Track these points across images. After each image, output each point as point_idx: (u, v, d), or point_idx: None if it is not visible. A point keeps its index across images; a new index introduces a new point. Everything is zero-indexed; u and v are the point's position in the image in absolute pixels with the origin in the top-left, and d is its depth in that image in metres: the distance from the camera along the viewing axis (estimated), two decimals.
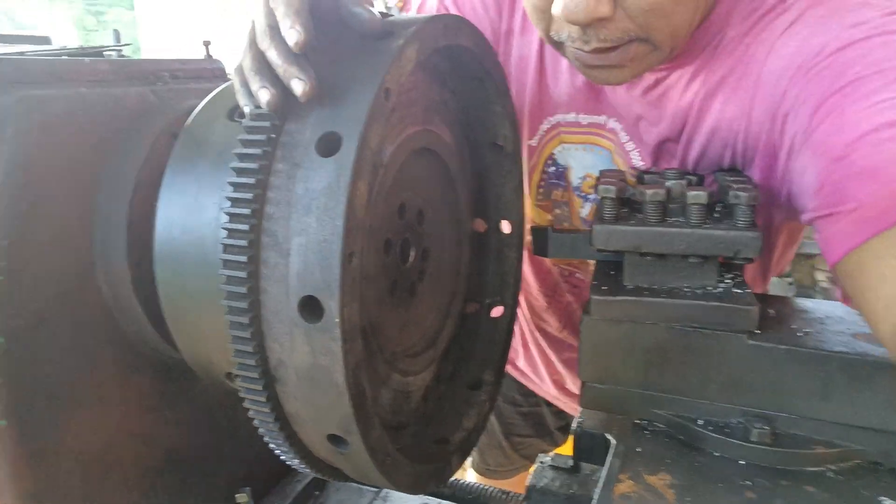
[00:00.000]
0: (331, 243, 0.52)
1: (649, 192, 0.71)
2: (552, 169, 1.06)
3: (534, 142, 1.07)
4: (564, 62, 0.98)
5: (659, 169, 0.89)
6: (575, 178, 1.05)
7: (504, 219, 0.98)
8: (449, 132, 0.86)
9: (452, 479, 0.93)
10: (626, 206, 0.78)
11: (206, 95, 0.75)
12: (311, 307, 0.53)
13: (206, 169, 0.66)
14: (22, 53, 0.88)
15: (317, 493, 0.96)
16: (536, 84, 1.02)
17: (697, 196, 0.69)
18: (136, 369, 0.77)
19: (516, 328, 1.39)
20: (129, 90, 0.81)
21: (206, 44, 1.05)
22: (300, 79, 0.56)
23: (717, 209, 0.77)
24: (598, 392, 0.74)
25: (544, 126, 1.05)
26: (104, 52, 0.95)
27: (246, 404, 0.59)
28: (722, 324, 0.69)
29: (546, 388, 1.38)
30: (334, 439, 0.57)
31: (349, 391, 0.53)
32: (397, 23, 0.65)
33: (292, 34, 0.56)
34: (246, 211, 0.55)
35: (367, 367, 0.66)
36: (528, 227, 0.98)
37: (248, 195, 0.55)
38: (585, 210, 1.06)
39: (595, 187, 0.79)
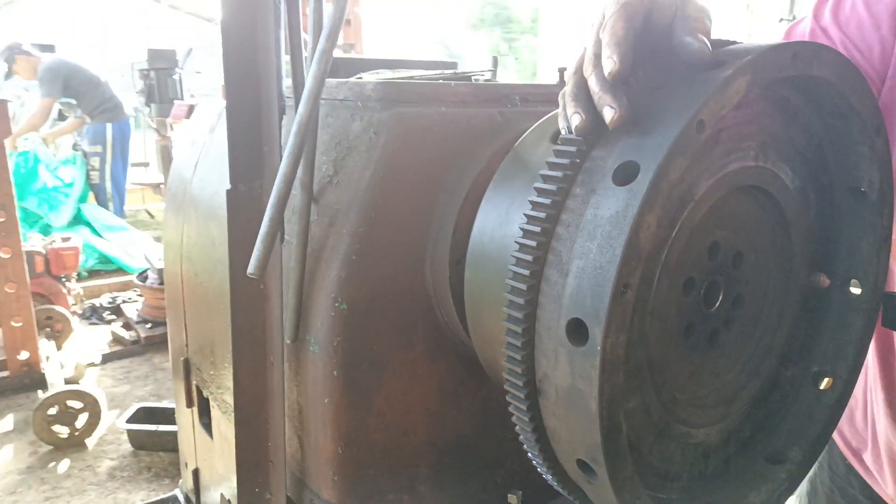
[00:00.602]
0: (606, 271, 0.52)
1: None
2: None
3: None
4: None
5: None
6: None
7: (854, 278, 0.83)
8: (790, 172, 0.76)
9: None
10: None
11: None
12: (577, 330, 0.54)
13: (520, 186, 0.71)
14: (410, 78, 1.07)
15: None
16: None
17: None
18: (443, 354, 0.87)
19: (868, 412, 1.16)
20: (480, 111, 0.92)
21: (561, 70, 1.13)
22: (611, 106, 0.57)
23: None
24: None
25: None
26: (472, 77, 1.08)
27: (511, 409, 0.62)
28: None
29: (891, 495, 1.12)
30: (583, 466, 0.57)
31: (600, 420, 0.53)
32: (734, 51, 0.61)
33: (608, 64, 0.57)
34: (536, 229, 0.58)
35: (634, 405, 0.64)
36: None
37: (542, 214, 0.58)
38: None
39: None
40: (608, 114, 0.57)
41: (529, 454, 0.64)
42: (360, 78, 1.09)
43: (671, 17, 0.62)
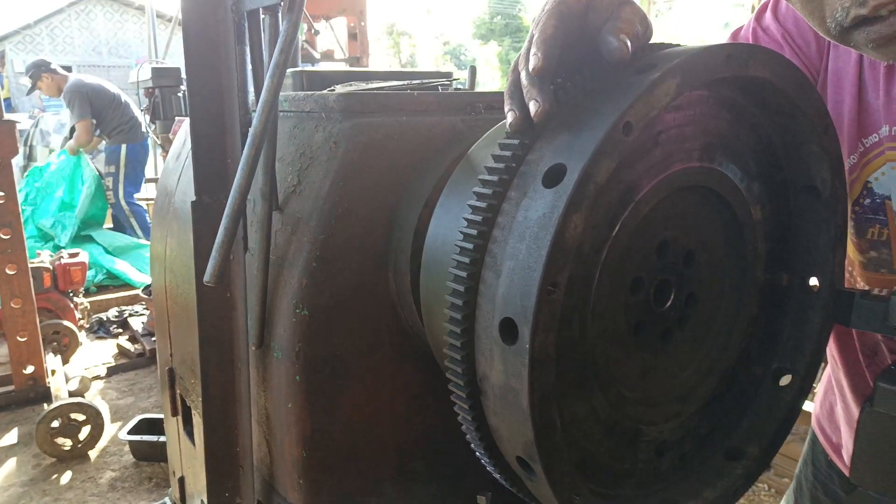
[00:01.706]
0: (534, 271, 0.54)
1: None
2: (867, 201, 0.89)
3: (848, 164, 0.92)
4: (882, 71, 0.86)
5: None
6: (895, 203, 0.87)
7: (812, 274, 0.84)
8: (739, 171, 0.77)
9: None
10: None
11: None
12: (508, 329, 0.55)
13: (468, 191, 0.72)
14: (380, 88, 1.09)
15: None
16: (854, 100, 0.89)
17: None
18: (409, 358, 0.88)
19: (841, 405, 1.17)
20: (442, 119, 0.93)
21: (472, 69, 1.15)
22: (536, 100, 0.58)
23: None
24: (874, 502, 0.59)
25: (861, 147, 0.90)
26: (439, 87, 1.10)
27: (455, 409, 0.63)
28: None
29: None
30: (522, 463, 0.58)
31: (532, 418, 0.54)
32: (667, 54, 0.63)
33: (533, 60, 0.59)
34: (473, 232, 0.60)
35: (577, 402, 0.65)
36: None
37: (479, 217, 0.60)
38: None
39: None
40: (532, 108, 0.59)
41: (477, 453, 0.66)
42: (333, 90, 1.11)
43: (605, 20, 0.63)
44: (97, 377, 3.70)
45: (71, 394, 3.21)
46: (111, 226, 5.85)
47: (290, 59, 0.77)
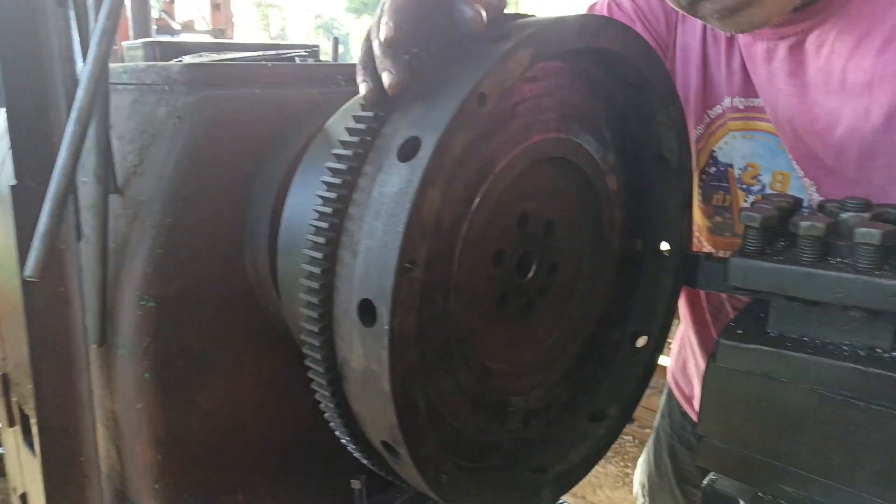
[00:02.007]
0: (390, 249, 0.51)
1: (804, 224, 0.58)
2: (713, 169, 0.97)
3: (695, 135, 0.99)
4: (724, 45, 0.94)
5: (852, 199, 0.72)
6: (737, 170, 0.96)
7: (664, 240, 0.88)
8: (595, 142, 0.79)
9: None
10: (785, 238, 0.65)
11: None
12: (367, 311, 0.53)
13: (324, 167, 0.69)
14: (232, 60, 1.01)
15: None
16: (700, 73, 0.96)
17: (868, 234, 0.55)
18: (272, 347, 0.84)
19: (693, 360, 1.25)
20: (299, 92, 0.88)
21: (336, 41, 1.13)
22: (390, 71, 0.56)
23: None
24: (718, 451, 0.63)
25: (706, 118, 0.98)
26: (296, 58, 1.05)
27: (317, 396, 0.61)
28: (888, 398, 0.55)
29: None
30: (387, 447, 0.57)
31: (394, 401, 0.52)
32: (520, 25, 0.62)
33: (384, 30, 0.56)
34: (328, 210, 0.57)
35: (442, 378, 0.65)
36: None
37: (333, 195, 0.57)
38: (748, 204, 0.95)
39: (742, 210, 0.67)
40: (386, 79, 0.56)
41: (343, 440, 0.63)
42: (180, 61, 1.03)
43: None
44: None
45: None
46: None
47: (118, 24, 0.69)
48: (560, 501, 0.87)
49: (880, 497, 0.55)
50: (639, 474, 1.53)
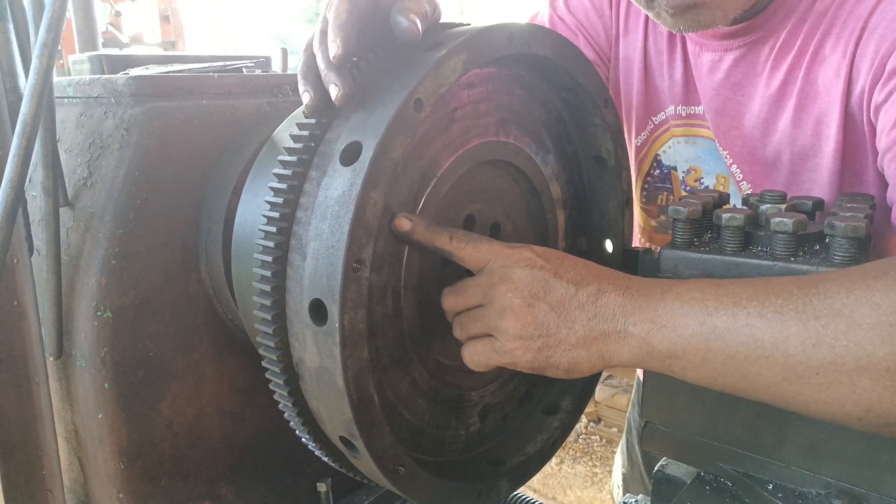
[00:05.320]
0: (337, 250, 0.54)
1: (725, 215, 0.63)
2: (657, 172, 1.03)
3: (639, 140, 1.05)
4: (665, 57, 0.99)
5: (781, 192, 0.77)
6: (680, 173, 1.03)
7: (607, 237, 0.93)
8: (535, 144, 0.83)
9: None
10: (712, 231, 0.69)
11: None
12: (318, 310, 0.55)
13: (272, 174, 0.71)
14: (178, 71, 1.02)
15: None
16: (642, 83, 1.01)
17: (781, 223, 0.60)
18: (230, 353, 0.85)
19: None
20: (247, 102, 0.90)
21: (284, 51, 1.15)
22: (336, 84, 0.58)
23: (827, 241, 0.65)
24: (661, 435, 0.67)
25: (650, 125, 1.04)
26: (244, 68, 1.06)
27: (275, 396, 0.62)
28: None
29: None
30: (345, 442, 0.59)
31: (349, 396, 0.54)
32: (453, 33, 0.65)
33: (333, 47, 0.59)
34: (276, 214, 0.59)
35: (398, 375, 0.67)
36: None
37: (280, 199, 0.59)
38: None
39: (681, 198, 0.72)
40: (333, 91, 0.59)
41: (303, 439, 0.65)
42: (127, 73, 1.03)
43: (395, 0, 0.64)
44: None
45: None
46: None
47: (59, 37, 0.70)
48: (532, 501, 0.91)
49: (807, 469, 0.59)
50: (616, 466, 1.58)
